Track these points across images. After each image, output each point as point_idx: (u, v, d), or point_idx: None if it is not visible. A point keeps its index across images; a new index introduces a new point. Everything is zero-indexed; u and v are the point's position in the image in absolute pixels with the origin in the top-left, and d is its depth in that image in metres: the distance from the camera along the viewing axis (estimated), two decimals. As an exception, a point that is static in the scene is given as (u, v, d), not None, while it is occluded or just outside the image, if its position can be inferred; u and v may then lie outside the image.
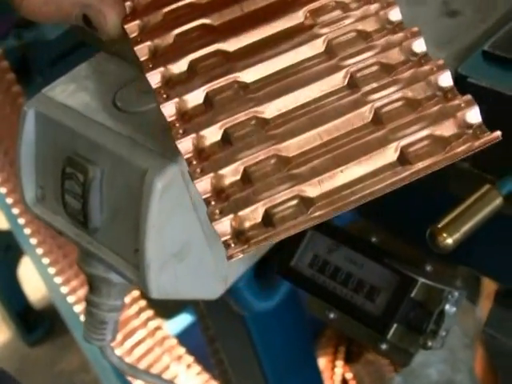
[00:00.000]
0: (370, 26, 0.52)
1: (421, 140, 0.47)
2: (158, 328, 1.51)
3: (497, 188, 0.45)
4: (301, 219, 0.45)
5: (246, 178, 0.48)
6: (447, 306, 0.60)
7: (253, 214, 0.46)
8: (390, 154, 0.47)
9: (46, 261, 1.43)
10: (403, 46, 0.51)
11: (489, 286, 0.71)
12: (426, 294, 0.59)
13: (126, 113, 0.65)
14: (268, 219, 0.46)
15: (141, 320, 1.49)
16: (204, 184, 0.48)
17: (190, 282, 0.67)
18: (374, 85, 0.50)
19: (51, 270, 1.44)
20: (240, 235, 0.46)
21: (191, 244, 0.65)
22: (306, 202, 0.46)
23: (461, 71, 0.48)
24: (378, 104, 0.49)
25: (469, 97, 0.47)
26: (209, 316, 1.00)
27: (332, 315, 0.66)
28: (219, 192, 0.48)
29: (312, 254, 0.64)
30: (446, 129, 0.47)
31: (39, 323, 2.08)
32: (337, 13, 0.53)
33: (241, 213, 0.46)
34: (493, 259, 0.56)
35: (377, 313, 0.60)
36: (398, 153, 0.47)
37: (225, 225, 0.46)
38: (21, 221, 1.41)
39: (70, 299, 1.46)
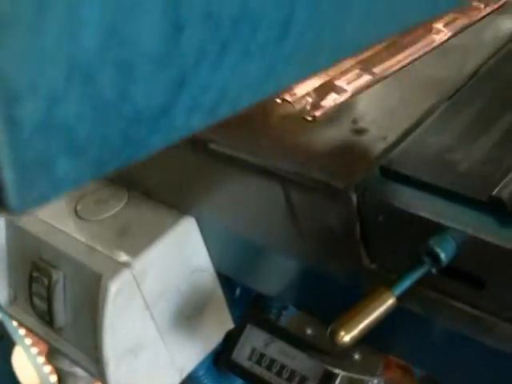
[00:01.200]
0: None
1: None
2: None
3: (391, 289, 0.50)
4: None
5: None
6: (368, 392, 0.66)
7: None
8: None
9: (34, 350, 1.48)
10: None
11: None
12: (349, 381, 0.65)
13: (86, 221, 0.72)
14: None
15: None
16: None
17: (146, 374, 0.72)
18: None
19: (40, 360, 1.48)
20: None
21: (146, 339, 0.70)
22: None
23: (360, 185, 0.52)
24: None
25: None
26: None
27: (272, 402, 0.71)
28: None
29: (250, 348, 0.70)
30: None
31: (33, 410, 2.09)
32: None
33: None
34: (407, 347, 0.61)
35: (305, 400, 0.65)
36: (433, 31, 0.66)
37: None
38: (9, 312, 1.46)
39: (59, 387, 1.50)
